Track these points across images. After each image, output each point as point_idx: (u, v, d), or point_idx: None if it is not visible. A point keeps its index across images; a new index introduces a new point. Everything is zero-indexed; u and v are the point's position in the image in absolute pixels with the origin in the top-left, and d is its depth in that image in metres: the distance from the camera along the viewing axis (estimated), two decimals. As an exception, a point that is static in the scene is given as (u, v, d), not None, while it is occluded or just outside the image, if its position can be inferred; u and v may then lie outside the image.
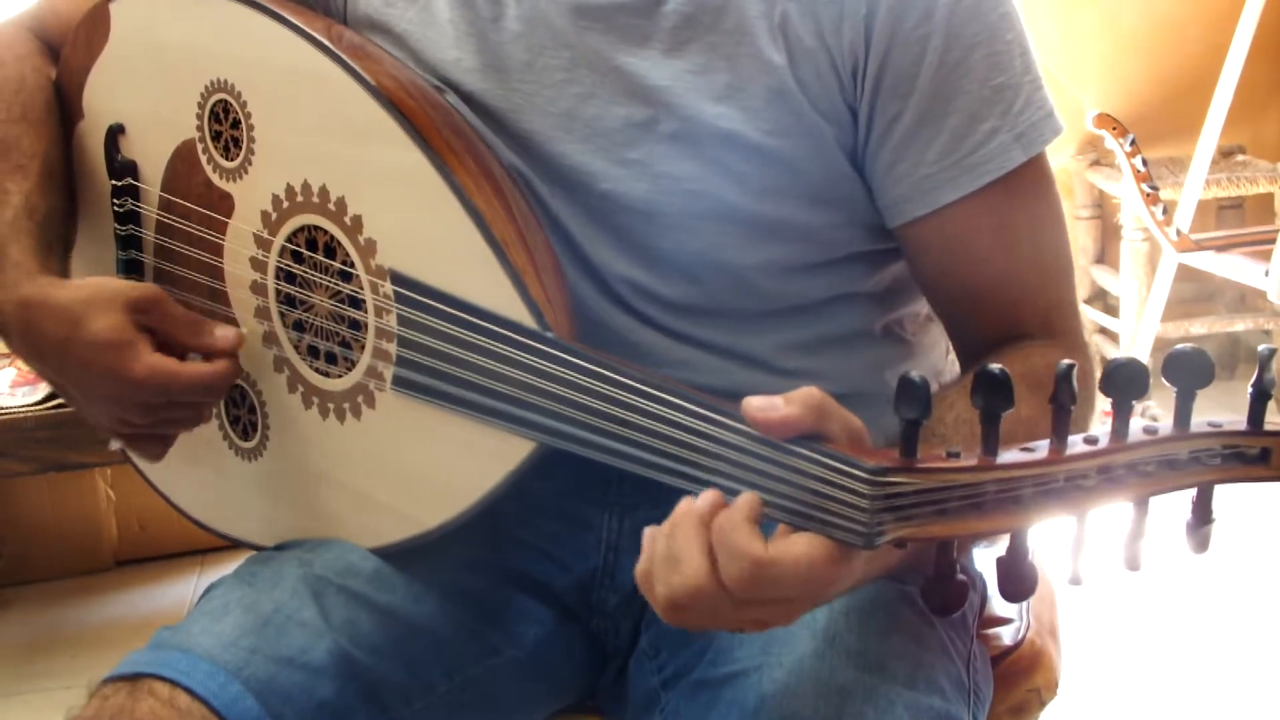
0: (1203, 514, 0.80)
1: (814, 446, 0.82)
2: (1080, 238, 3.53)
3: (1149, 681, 2.33)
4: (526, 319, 1.00)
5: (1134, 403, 0.77)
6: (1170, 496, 0.80)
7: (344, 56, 1.07)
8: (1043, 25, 3.17)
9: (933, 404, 1.05)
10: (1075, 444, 0.78)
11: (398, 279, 1.06)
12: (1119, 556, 0.79)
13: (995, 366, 0.77)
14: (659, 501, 1.16)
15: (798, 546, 0.81)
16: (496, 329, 1.01)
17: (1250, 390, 0.77)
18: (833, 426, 0.83)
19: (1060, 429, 0.78)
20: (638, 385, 0.93)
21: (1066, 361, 0.78)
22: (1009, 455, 0.78)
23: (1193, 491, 0.80)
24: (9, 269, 1.12)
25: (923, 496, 0.79)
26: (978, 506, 0.79)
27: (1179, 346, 0.76)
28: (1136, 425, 0.78)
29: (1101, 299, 3.60)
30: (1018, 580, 0.81)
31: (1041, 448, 0.78)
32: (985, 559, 1.02)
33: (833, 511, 0.81)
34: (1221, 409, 0.81)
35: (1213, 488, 0.79)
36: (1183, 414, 0.78)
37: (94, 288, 1.10)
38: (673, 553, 0.85)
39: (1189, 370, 0.76)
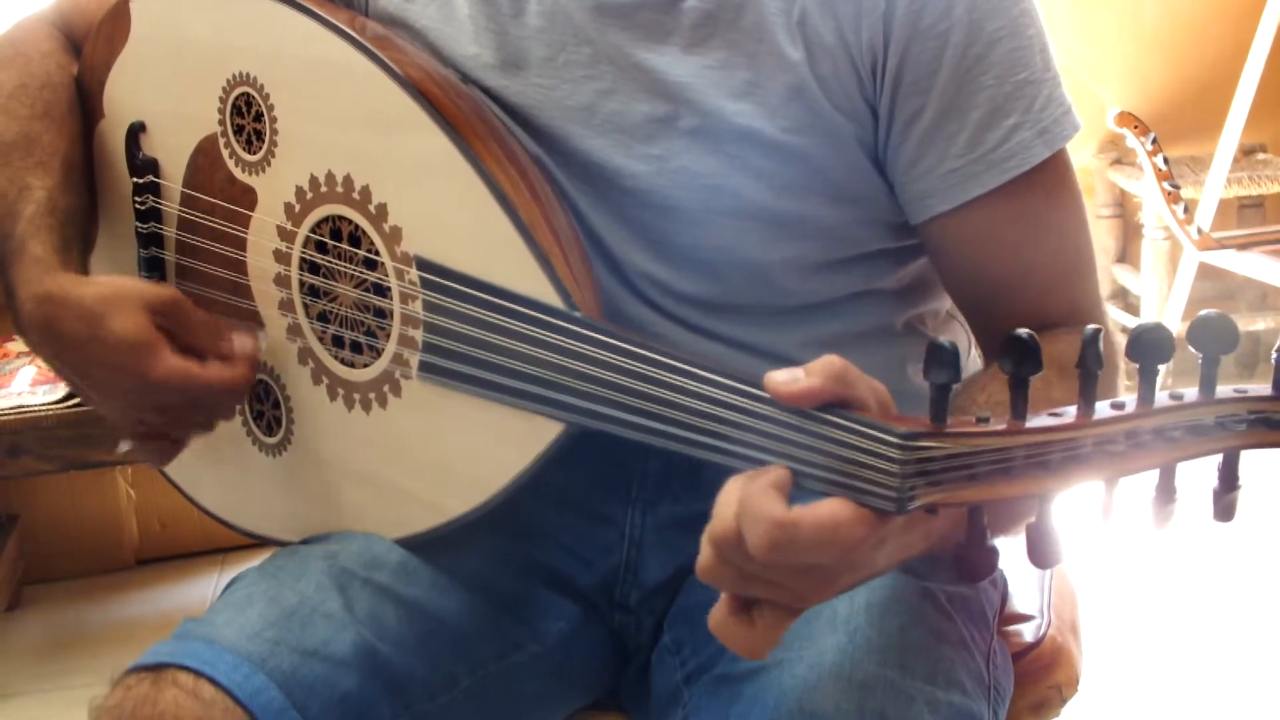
0: (1229, 481, 0.80)
1: (844, 414, 0.82)
2: (1101, 236, 3.53)
3: (1170, 678, 2.32)
4: (554, 299, 1.01)
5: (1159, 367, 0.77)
6: (1195, 468, 0.80)
7: (369, 46, 1.07)
8: (1064, 24, 3.16)
9: (965, 385, 1.05)
10: (1103, 409, 0.78)
11: (423, 265, 1.06)
12: (1146, 521, 0.80)
13: (1023, 331, 0.77)
14: (681, 498, 1.17)
15: (821, 507, 0.80)
16: (524, 310, 1.02)
17: (1275, 355, 0.77)
18: (858, 393, 0.83)
19: (1087, 393, 0.78)
20: (666, 361, 0.93)
21: (1093, 326, 0.78)
22: (1037, 420, 0.78)
23: (1219, 458, 0.80)
24: (30, 264, 1.12)
25: (953, 461, 0.79)
26: (1007, 471, 0.79)
27: (1204, 312, 0.76)
28: (1163, 392, 0.78)
29: (1122, 297, 3.59)
30: (1046, 547, 0.81)
31: (1069, 413, 0.78)
32: (1005, 556, 1.01)
33: (864, 478, 0.80)
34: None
35: (1239, 454, 0.80)
36: (1208, 380, 0.78)
37: (115, 287, 1.10)
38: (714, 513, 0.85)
39: (1214, 335, 0.76)
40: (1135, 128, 3.14)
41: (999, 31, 1.05)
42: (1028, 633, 1.27)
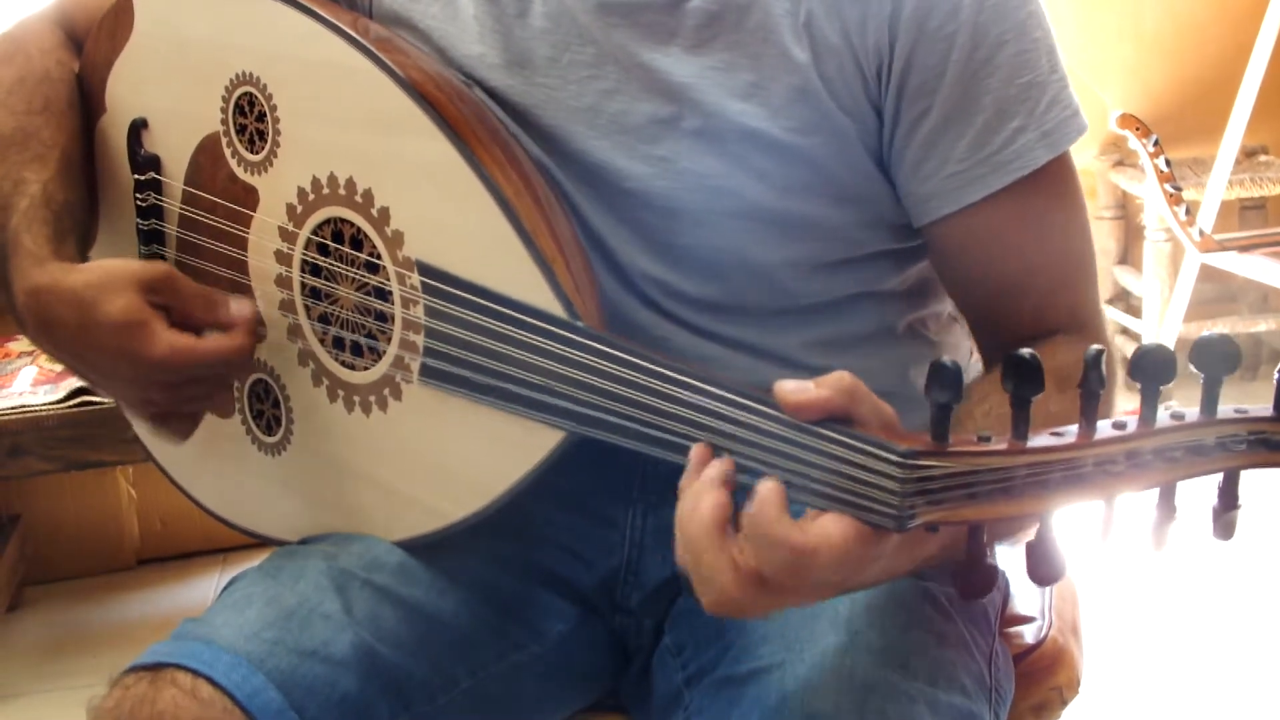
0: (1229, 500, 0.80)
1: (846, 430, 0.82)
2: (1103, 238, 3.52)
3: (1171, 680, 2.32)
4: (556, 308, 1.00)
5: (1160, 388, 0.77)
6: (1195, 485, 0.80)
7: (372, 48, 1.07)
8: (1065, 26, 3.16)
9: (964, 392, 1.06)
10: (1104, 429, 0.78)
11: (425, 270, 1.06)
12: (1146, 540, 0.80)
13: (1026, 351, 0.78)
14: (683, 499, 1.17)
15: (833, 530, 0.81)
16: (525, 318, 1.01)
17: (1277, 376, 0.77)
18: (863, 411, 0.83)
19: (1089, 414, 0.78)
20: (667, 372, 0.93)
21: (1096, 347, 0.78)
22: (1039, 440, 0.78)
23: (1219, 477, 0.80)
24: (21, 257, 1.11)
25: (953, 480, 0.79)
26: (1007, 490, 0.79)
27: (1206, 333, 0.77)
28: (1164, 412, 0.78)
29: (1124, 299, 3.59)
30: (1047, 564, 0.81)
31: (1070, 432, 0.79)
32: (1007, 560, 1.02)
33: (864, 495, 0.81)
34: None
35: (1239, 474, 0.80)
36: (1209, 400, 0.78)
37: (103, 270, 1.09)
38: (702, 576, 0.86)
39: (1216, 356, 0.76)
40: (1137, 129, 3.13)
41: (1005, 34, 1.05)
42: (1029, 634, 1.27)
